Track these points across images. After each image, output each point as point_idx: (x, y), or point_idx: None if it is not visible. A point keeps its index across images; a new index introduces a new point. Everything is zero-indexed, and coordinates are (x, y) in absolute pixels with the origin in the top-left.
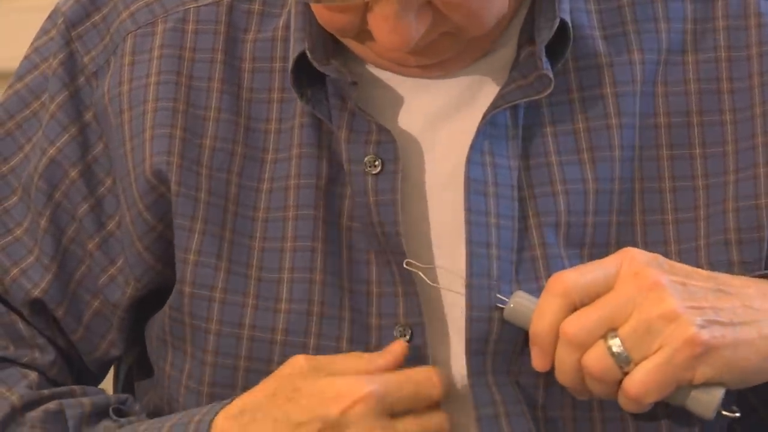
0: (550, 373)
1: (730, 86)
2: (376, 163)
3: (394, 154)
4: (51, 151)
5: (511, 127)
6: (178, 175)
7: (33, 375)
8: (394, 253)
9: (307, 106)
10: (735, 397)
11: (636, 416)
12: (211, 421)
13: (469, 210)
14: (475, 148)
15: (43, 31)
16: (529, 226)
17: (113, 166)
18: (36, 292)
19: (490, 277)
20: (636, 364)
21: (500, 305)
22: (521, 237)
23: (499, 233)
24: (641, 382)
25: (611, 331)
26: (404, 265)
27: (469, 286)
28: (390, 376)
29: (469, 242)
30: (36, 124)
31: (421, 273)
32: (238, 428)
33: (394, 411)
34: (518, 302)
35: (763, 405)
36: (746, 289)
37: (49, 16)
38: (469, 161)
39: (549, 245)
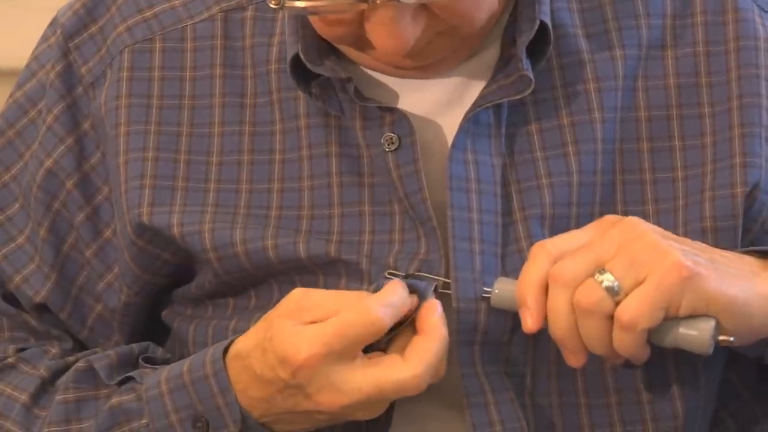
0: (537, 361)
1: (708, 80)
2: (393, 140)
3: (408, 129)
4: (48, 163)
5: (494, 126)
6: (183, 197)
7: (55, 349)
8: (423, 222)
9: (317, 103)
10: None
11: (620, 401)
12: (226, 348)
13: (452, 206)
14: (456, 146)
15: (44, 38)
16: (514, 221)
17: (109, 175)
18: (38, 299)
19: (474, 270)
20: (626, 294)
21: (486, 295)
22: (506, 231)
23: (482, 228)
24: (633, 307)
25: (599, 269)
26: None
27: (455, 280)
28: (329, 329)
29: (453, 237)
30: (34, 132)
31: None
32: (237, 371)
33: (346, 356)
34: (502, 287)
35: (746, 388)
36: (723, 252)
37: (50, 24)
38: (451, 159)
39: (535, 237)
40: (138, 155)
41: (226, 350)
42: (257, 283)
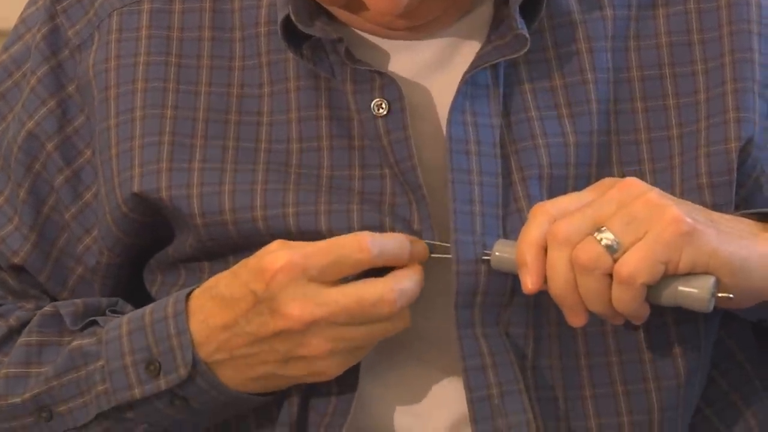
0: (537, 324)
1: (700, 37)
2: (383, 105)
3: (398, 94)
4: (29, 125)
5: (492, 87)
6: (170, 152)
7: (29, 305)
8: (414, 189)
9: (308, 65)
10: (717, 325)
11: (621, 362)
12: (190, 293)
13: (451, 169)
14: (455, 108)
15: (32, 1)
16: (513, 182)
17: (92, 139)
18: (16, 260)
19: (474, 233)
20: (625, 251)
21: (486, 257)
22: (506, 192)
23: (482, 190)
24: (632, 262)
25: (598, 228)
26: None
27: (455, 242)
28: (315, 244)
29: (453, 200)
30: (17, 94)
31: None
32: (202, 302)
33: (324, 279)
34: (502, 249)
35: (740, 349)
36: (722, 214)
37: None
38: (450, 121)
39: (533, 197)
40: (127, 117)
41: (191, 293)
42: (238, 250)
